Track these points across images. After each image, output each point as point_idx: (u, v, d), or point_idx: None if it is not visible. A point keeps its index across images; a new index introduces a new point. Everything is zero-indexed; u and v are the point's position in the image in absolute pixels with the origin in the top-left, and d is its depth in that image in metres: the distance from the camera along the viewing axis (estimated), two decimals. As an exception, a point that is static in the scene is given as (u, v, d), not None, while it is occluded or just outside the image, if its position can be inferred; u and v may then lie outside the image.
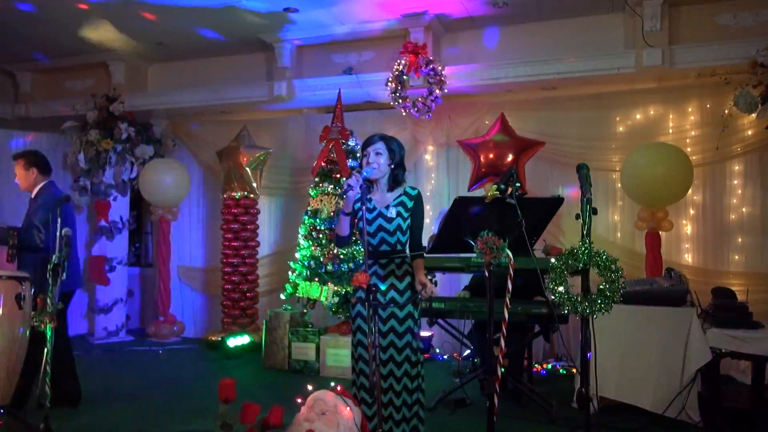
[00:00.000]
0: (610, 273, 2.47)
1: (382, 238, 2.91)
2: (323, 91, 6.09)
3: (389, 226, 2.89)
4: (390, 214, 2.89)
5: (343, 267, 5.38)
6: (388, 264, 2.91)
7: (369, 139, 2.95)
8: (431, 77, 5.45)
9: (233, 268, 6.36)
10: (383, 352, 2.84)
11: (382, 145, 2.91)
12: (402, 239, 2.92)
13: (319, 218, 5.58)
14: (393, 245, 2.90)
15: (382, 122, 6.32)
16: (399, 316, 2.88)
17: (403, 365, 2.85)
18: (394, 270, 2.91)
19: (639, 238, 5.37)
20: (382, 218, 2.90)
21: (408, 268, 2.92)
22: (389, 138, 2.97)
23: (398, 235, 2.90)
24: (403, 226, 2.91)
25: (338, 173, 5.59)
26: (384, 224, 2.90)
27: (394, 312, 2.88)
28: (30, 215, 3.94)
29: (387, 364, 2.84)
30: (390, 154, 2.91)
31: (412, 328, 2.89)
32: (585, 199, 2.39)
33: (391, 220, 2.89)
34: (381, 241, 2.91)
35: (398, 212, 2.90)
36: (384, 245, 2.91)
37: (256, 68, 6.57)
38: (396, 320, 2.88)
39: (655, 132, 5.52)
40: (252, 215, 6.51)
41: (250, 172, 6.36)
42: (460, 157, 6.11)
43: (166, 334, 6.77)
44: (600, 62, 5.23)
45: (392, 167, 2.94)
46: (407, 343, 2.86)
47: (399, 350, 2.85)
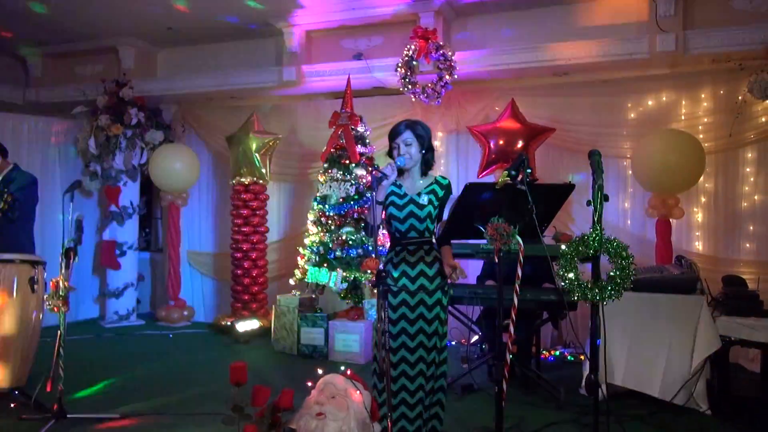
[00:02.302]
0: (621, 260, 2.47)
1: (411, 225, 2.90)
2: (332, 77, 6.07)
3: (421, 213, 2.88)
4: (422, 201, 2.89)
5: (352, 253, 5.40)
6: (417, 250, 2.91)
7: (395, 130, 2.92)
8: (441, 63, 5.41)
9: (243, 253, 6.40)
10: (411, 339, 2.84)
11: (410, 135, 2.89)
12: (431, 227, 2.92)
13: (328, 204, 5.59)
14: (421, 232, 2.90)
15: (391, 108, 6.31)
16: (428, 303, 2.88)
17: (432, 352, 2.86)
18: (423, 256, 2.90)
19: (649, 226, 5.34)
20: (414, 205, 2.89)
21: (437, 255, 2.91)
22: (415, 124, 2.94)
23: (428, 222, 2.90)
24: (433, 213, 2.90)
25: (347, 159, 5.59)
26: (416, 211, 2.88)
27: (423, 299, 2.87)
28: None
29: (416, 350, 2.84)
30: (419, 141, 2.90)
31: (440, 315, 2.89)
32: (596, 185, 2.38)
33: (423, 207, 2.88)
34: (410, 228, 2.90)
35: (430, 200, 2.90)
36: (412, 232, 2.90)
37: (265, 53, 6.56)
38: (425, 307, 2.87)
39: (667, 119, 5.47)
40: (261, 201, 6.53)
41: (260, 158, 6.37)
42: (470, 143, 6.09)
43: (176, 319, 6.83)
44: (612, 47, 5.18)
45: (423, 153, 2.93)
46: (436, 330, 2.87)
47: (429, 336, 2.85)
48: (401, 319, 2.87)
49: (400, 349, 2.85)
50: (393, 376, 2.81)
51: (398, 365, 2.83)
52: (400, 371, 2.83)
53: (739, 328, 3.70)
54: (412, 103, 6.00)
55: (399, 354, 2.84)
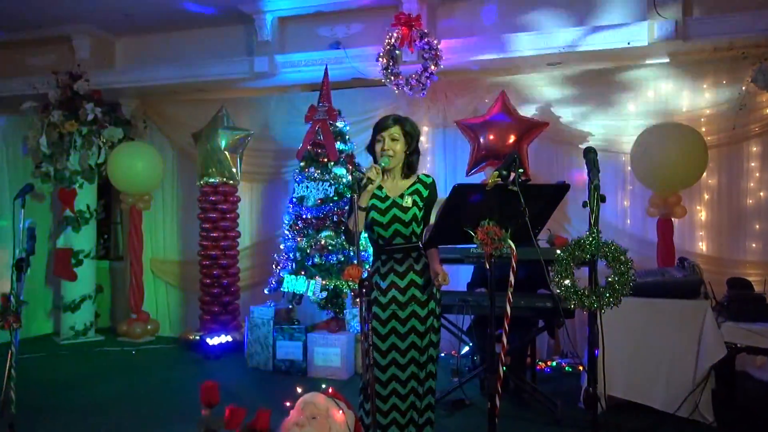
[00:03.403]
0: (620, 264, 2.52)
1: (396, 230, 2.89)
2: (308, 68, 6.07)
3: (405, 217, 2.88)
4: (406, 204, 2.89)
5: (332, 259, 5.41)
6: (405, 258, 2.91)
7: (383, 123, 2.93)
8: (426, 52, 5.44)
9: (212, 260, 6.36)
10: (402, 356, 2.85)
11: (398, 130, 2.90)
12: (417, 230, 2.92)
13: (305, 206, 5.58)
14: (408, 237, 2.90)
15: (372, 101, 6.33)
16: (420, 315, 2.88)
17: (427, 365, 2.88)
18: (412, 265, 2.91)
19: (650, 226, 5.43)
20: (397, 208, 2.89)
21: (426, 261, 2.92)
22: (404, 120, 2.95)
23: (413, 226, 2.90)
24: (419, 215, 2.90)
25: (325, 157, 5.59)
26: (400, 215, 2.89)
27: (415, 311, 2.88)
28: None
29: (407, 367, 2.85)
30: (406, 139, 2.91)
31: (434, 326, 2.91)
32: (593, 185, 2.42)
33: (406, 210, 2.88)
34: (395, 234, 2.90)
35: (414, 201, 2.90)
36: (398, 238, 2.90)
37: (234, 42, 6.54)
38: (417, 320, 2.88)
39: (667, 111, 5.56)
40: (232, 203, 6.50)
41: (230, 156, 6.34)
42: (458, 138, 6.13)
43: (139, 333, 6.77)
44: (608, 35, 5.25)
45: (407, 153, 2.94)
46: (430, 342, 2.88)
47: (421, 350, 2.86)
48: (391, 333, 2.87)
49: (391, 366, 2.85)
50: (383, 396, 2.82)
51: (388, 384, 2.84)
52: (391, 390, 2.83)
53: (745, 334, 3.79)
54: (395, 96, 6.02)
55: (389, 371, 2.85)
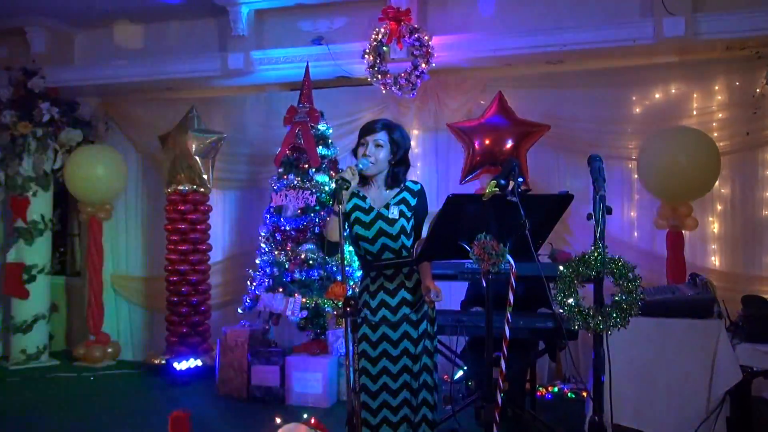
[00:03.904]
0: (627, 282, 2.55)
1: (383, 245, 2.90)
2: (287, 65, 6.08)
3: (391, 230, 2.89)
4: (392, 215, 2.90)
5: (313, 274, 5.40)
6: (396, 275, 2.92)
7: (370, 126, 2.95)
8: (416, 48, 5.48)
9: (180, 276, 6.33)
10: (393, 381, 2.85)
11: (384, 136, 2.91)
12: (407, 243, 2.93)
13: (284, 216, 5.58)
14: (397, 252, 2.91)
15: (358, 102, 6.35)
16: (413, 336, 2.89)
17: (421, 392, 2.88)
18: (404, 282, 2.92)
19: (659, 238, 5.49)
20: (383, 220, 2.90)
21: (420, 278, 2.94)
22: (393, 127, 2.97)
23: (402, 239, 2.90)
24: (407, 227, 2.91)
25: (306, 163, 5.60)
26: (385, 227, 2.90)
27: (407, 331, 2.89)
28: None
29: (399, 393, 2.85)
30: (392, 147, 2.92)
31: (428, 348, 2.91)
32: (598, 196, 2.45)
33: (393, 222, 2.89)
34: (383, 248, 2.91)
35: (401, 212, 2.91)
36: (387, 252, 2.91)
37: (206, 36, 6.53)
38: (410, 341, 2.89)
39: (676, 114, 5.64)
40: (202, 213, 6.48)
41: (200, 162, 6.33)
42: (450, 143, 6.17)
43: (98, 357, 6.70)
44: (613, 32, 5.32)
45: (392, 163, 2.95)
46: (424, 366, 2.89)
47: (415, 375, 2.87)
48: (382, 357, 2.88)
49: (381, 392, 2.85)
50: (372, 425, 2.82)
51: (378, 411, 2.84)
52: (381, 418, 2.83)
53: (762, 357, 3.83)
54: (382, 96, 6.05)
55: (379, 398, 2.85)
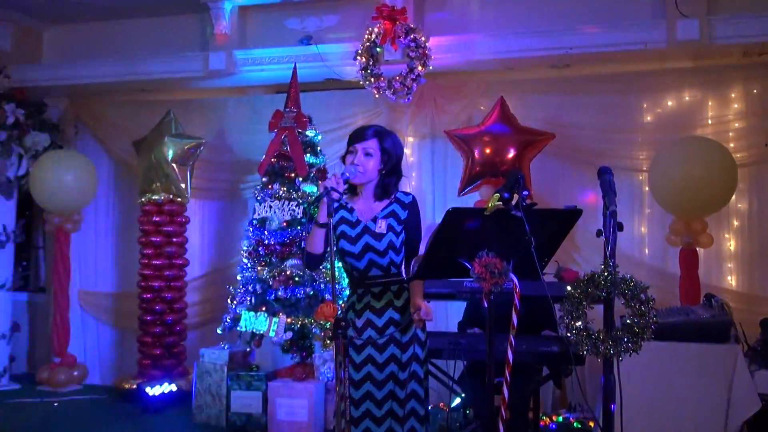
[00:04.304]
0: (640, 304, 2.55)
1: (370, 261, 2.91)
2: (273, 66, 6.10)
3: (379, 245, 2.90)
4: (379, 229, 2.91)
5: (299, 292, 5.39)
6: (384, 293, 2.93)
7: (359, 133, 2.96)
8: (412, 50, 5.50)
9: (154, 293, 6.30)
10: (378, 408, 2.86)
11: (375, 144, 2.92)
12: (396, 259, 2.94)
13: (268, 229, 5.57)
14: (386, 268, 2.92)
15: (349, 106, 6.37)
16: (401, 360, 2.89)
17: (409, 421, 2.87)
18: (392, 300, 2.92)
19: (671, 256, 5.51)
20: (370, 235, 2.91)
21: (409, 297, 2.94)
22: (385, 134, 2.98)
23: (391, 254, 2.91)
24: (397, 242, 2.92)
25: (293, 172, 5.59)
26: (372, 242, 2.90)
27: (394, 354, 2.89)
28: None
29: (383, 421, 2.85)
30: (383, 156, 2.93)
31: (418, 374, 2.91)
32: (609, 212, 2.46)
33: (380, 236, 2.90)
34: (370, 264, 2.92)
35: (389, 226, 2.91)
36: (374, 269, 2.92)
37: (186, 34, 6.54)
38: (397, 364, 2.89)
39: (690, 123, 5.69)
40: (179, 225, 6.46)
41: (178, 169, 6.31)
42: (448, 151, 6.19)
43: (63, 381, 6.64)
44: (623, 34, 5.37)
45: (383, 172, 2.95)
46: (412, 393, 2.88)
47: (401, 402, 2.87)
48: (366, 380, 2.88)
49: (364, 419, 2.85)
50: None
51: None
52: None
53: (782, 385, 3.85)
54: (375, 101, 6.07)
55: (362, 425, 2.85)
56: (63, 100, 7.20)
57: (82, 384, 6.83)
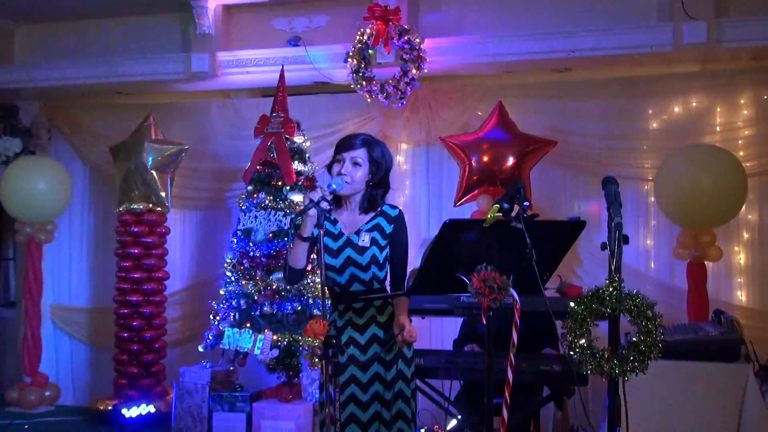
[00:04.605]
0: (647, 321, 2.56)
1: (352, 275, 2.93)
2: (259, 68, 6.12)
3: (361, 259, 2.92)
4: (362, 243, 2.92)
5: (286, 308, 5.39)
6: (366, 309, 2.94)
7: (347, 141, 2.97)
8: (406, 52, 5.53)
9: (132, 308, 6.28)
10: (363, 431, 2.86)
11: (364, 153, 2.93)
12: (379, 274, 2.96)
13: (253, 241, 5.57)
14: (368, 283, 2.93)
15: (339, 112, 6.38)
16: (386, 378, 2.90)
17: None
18: (375, 317, 2.94)
19: (678, 270, 5.53)
20: (352, 248, 2.93)
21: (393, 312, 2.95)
22: (374, 143, 2.99)
23: (374, 269, 2.93)
24: (380, 257, 2.94)
25: (279, 180, 5.60)
26: (354, 256, 2.92)
27: (378, 373, 2.90)
28: None
29: None
30: (371, 166, 2.94)
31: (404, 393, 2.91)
32: (614, 223, 2.48)
33: (363, 250, 2.92)
34: (351, 279, 2.93)
35: (373, 239, 2.93)
36: (356, 284, 2.93)
37: (167, 34, 6.54)
38: (382, 384, 2.90)
39: (698, 130, 5.71)
40: (159, 235, 6.44)
41: (158, 177, 6.31)
42: (444, 159, 6.20)
43: (34, 402, 6.61)
44: (628, 37, 5.40)
45: (371, 184, 2.96)
46: (399, 414, 2.88)
47: (388, 424, 2.87)
48: (349, 402, 2.89)
49: None
50: None
51: None
52: None
53: (795, 406, 3.86)
54: (367, 106, 6.08)
55: None
56: (36, 104, 7.16)
57: (55, 405, 6.79)
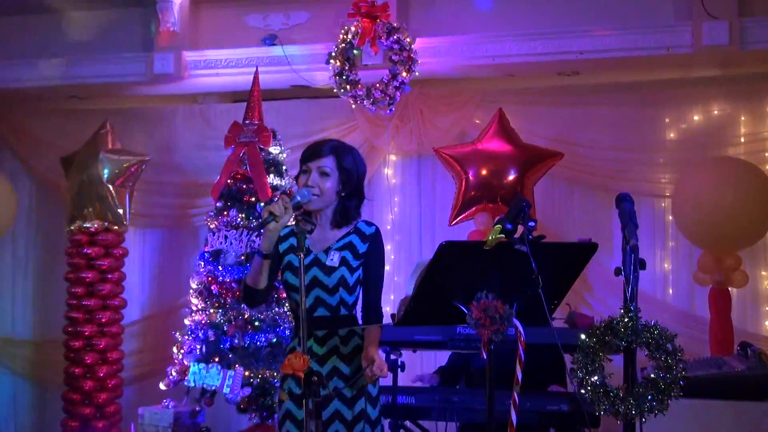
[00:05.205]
0: (666, 355, 2.56)
1: (318, 298, 2.90)
2: (231, 70, 6.14)
3: (328, 280, 2.89)
4: (331, 262, 2.90)
5: (260, 340, 5.36)
6: (329, 337, 2.92)
7: (313, 149, 2.95)
8: (395, 53, 5.54)
9: (84, 340, 6.22)
10: None
11: (332, 162, 2.92)
12: (348, 299, 2.94)
13: (223, 264, 5.55)
14: (334, 309, 2.91)
15: (320, 119, 6.41)
16: (347, 418, 2.89)
17: None
18: (337, 347, 2.92)
19: (699, 297, 5.57)
20: (319, 267, 2.90)
21: (360, 344, 2.93)
22: (344, 150, 2.98)
23: (342, 293, 2.91)
24: (350, 280, 2.92)
25: (253, 196, 5.59)
26: (321, 277, 2.90)
27: (339, 411, 2.88)
28: None
29: None
30: (341, 176, 2.93)
31: None
32: (629, 246, 2.48)
33: (331, 270, 2.89)
34: (317, 303, 2.91)
35: (343, 259, 2.91)
36: (321, 308, 2.91)
37: (126, 32, 6.55)
38: (343, 424, 2.88)
39: (720, 141, 5.79)
40: (116, 258, 6.40)
41: (115, 192, 6.28)
42: (437, 172, 6.23)
43: (-30, 447, 6.54)
44: (642, 38, 5.47)
45: (342, 195, 2.96)
46: None
47: None
48: None
49: None
50: None
51: None
52: None
53: (831, 450, 3.87)
54: (350, 112, 6.10)
55: None
56: (-24, 109, 7.18)
57: (-7, 451, 6.74)
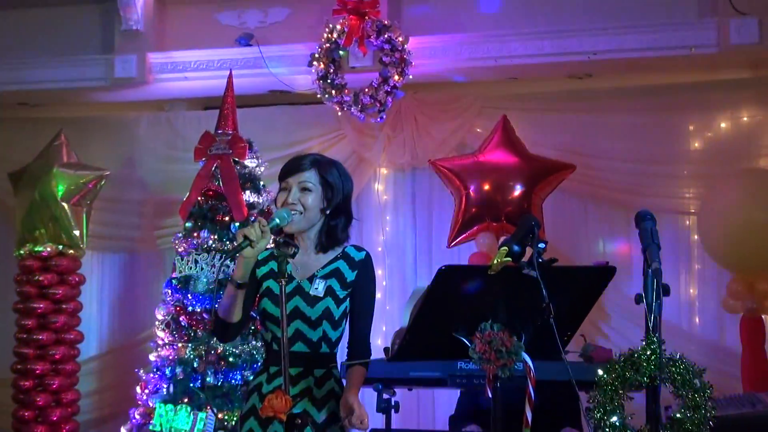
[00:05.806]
0: (693, 392, 2.56)
1: (297, 331, 2.88)
2: (201, 73, 6.17)
3: (311, 312, 2.88)
4: (315, 291, 2.89)
5: (235, 378, 5.35)
6: (303, 376, 2.91)
7: (292, 164, 2.93)
8: (386, 54, 5.57)
9: (35, 379, 6.20)
10: None
11: (314, 176, 2.90)
12: (331, 335, 2.92)
13: (193, 291, 5.54)
14: (314, 344, 2.89)
15: (302, 128, 6.43)
16: None
17: None
18: (310, 389, 2.90)
19: (729, 326, 5.57)
20: (301, 297, 2.89)
21: (335, 387, 2.92)
22: (327, 163, 2.97)
23: (325, 327, 2.89)
24: (336, 313, 2.90)
25: (227, 214, 5.58)
26: (303, 307, 2.88)
27: None
28: None
29: None
30: (325, 192, 2.92)
31: None
32: (651, 270, 2.48)
33: (315, 301, 2.88)
34: (296, 336, 2.87)
35: (329, 288, 2.90)
36: (299, 342, 2.88)
37: (84, 31, 6.58)
38: None
39: (749, 151, 5.81)
40: (71, 286, 6.38)
41: (71, 211, 6.27)
42: (434, 187, 6.23)
43: None
44: (662, 36, 5.49)
45: (327, 213, 2.96)
46: None
47: None
48: None
49: None
50: None
51: None
52: None
53: None
54: (336, 120, 6.11)
55: None
56: None
57: (-68, 507, 6.67)
